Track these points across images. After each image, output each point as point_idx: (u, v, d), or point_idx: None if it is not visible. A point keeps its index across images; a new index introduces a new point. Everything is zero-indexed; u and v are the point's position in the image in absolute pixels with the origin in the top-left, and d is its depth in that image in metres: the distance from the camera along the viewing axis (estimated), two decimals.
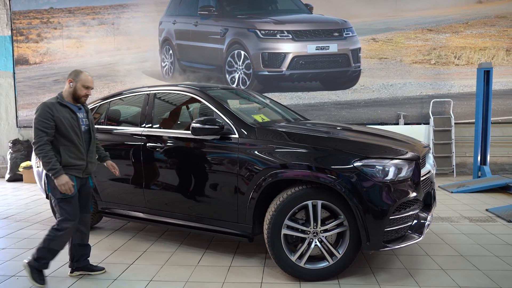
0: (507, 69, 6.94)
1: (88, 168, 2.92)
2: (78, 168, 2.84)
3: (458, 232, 3.86)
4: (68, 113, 2.80)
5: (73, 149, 2.80)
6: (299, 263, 2.82)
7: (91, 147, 2.95)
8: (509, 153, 6.93)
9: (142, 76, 7.68)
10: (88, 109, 3.03)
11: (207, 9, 7.36)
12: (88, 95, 2.89)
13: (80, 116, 2.88)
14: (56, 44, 7.97)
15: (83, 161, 2.86)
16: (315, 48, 6.97)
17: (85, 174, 2.91)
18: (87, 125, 2.94)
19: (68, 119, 2.78)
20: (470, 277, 2.88)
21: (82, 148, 2.85)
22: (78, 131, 2.82)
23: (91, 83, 2.89)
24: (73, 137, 2.79)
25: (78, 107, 2.92)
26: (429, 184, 3.11)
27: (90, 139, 2.95)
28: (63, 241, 2.85)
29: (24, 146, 7.71)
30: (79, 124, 2.85)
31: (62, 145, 2.77)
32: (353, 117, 7.19)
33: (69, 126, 2.77)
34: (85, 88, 2.86)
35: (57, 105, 2.78)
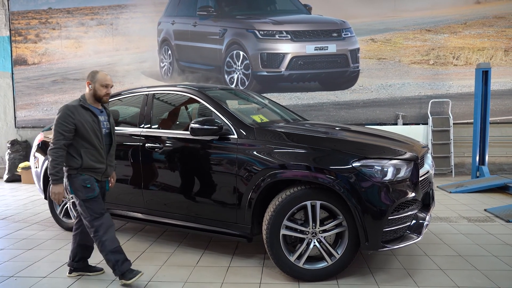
0: (506, 69, 6.95)
1: (107, 171, 2.91)
2: (98, 171, 2.83)
3: (456, 232, 3.87)
4: (90, 116, 2.79)
5: (94, 152, 2.79)
6: (298, 264, 2.82)
7: (111, 150, 2.95)
8: (507, 153, 6.95)
9: (141, 76, 7.67)
10: (109, 112, 3.02)
11: (206, 9, 7.36)
12: (109, 93, 2.88)
13: (101, 119, 2.87)
14: (54, 45, 7.96)
15: (103, 164, 2.85)
16: (313, 48, 6.97)
17: (103, 177, 2.90)
18: (108, 129, 2.93)
19: (89, 122, 2.77)
20: (469, 277, 2.88)
21: (103, 151, 2.84)
22: (99, 134, 2.82)
23: (109, 81, 2.86)
24: (94, 140, 2.78)
25: (100, 110, 2.91)
26: (427, 184, 3.12)
27: (111, 142, 2.95)
28: (110, 237, 2.80)
29: (23, 146, 7.70)
30: (100, 127, 2.84)
31: (83, 147, 2.76)
32: (352, 117, 7.19)
33: (91, 129, 2.76)
34: (104, 87, 2.83)
35: (79, 108, 2.77)
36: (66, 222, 4.14)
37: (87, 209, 2.78)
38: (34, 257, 3.45)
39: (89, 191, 2.78)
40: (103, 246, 2.78)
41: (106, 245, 2.78)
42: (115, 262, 2.79)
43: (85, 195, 2.76)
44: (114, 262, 2.79)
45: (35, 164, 4.43)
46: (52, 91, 7.95)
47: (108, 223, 2.82)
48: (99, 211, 2.80)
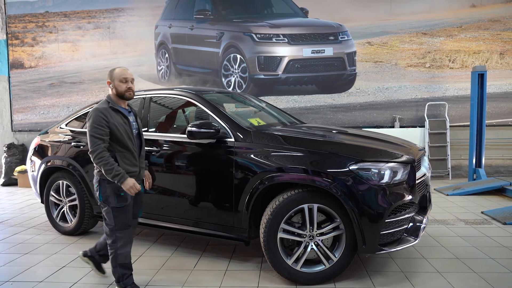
0: (501, 72, 7.00)
1: (140, 174, 2.77)
2: (132, 175, 2.66)
3: (453, 235, 3.88)
4: (121, 118, 2.66)
5: (128, 155, 2.66)
6: (295, 267, 2.81)
7: (142, 152, 2.81)
8: (503, 156, 6.98)
9: (138, 80, 7.66)
10: (136, 112, 2.89)
11: (203, 13, 7.38)
12: (130, 87, 2.67)
13: (131, 120, 2.73)
14: (51, 48, 7.95)
15: (136, 167, 2.72)
16: (310, 51, 7.00)
17: (137, 180, 2.72)
18: (137, 129, 2.79)
19: (122, 125, 2.64)
20: (466, 279, 2.89)
21: (136, 153, 2.72)
22: (131, 136, 2.68)
23: (128, 75, 2.68)
24: (127, 143, 2.64)
25: (128, 110, 2.77)
26: (424, 187, 3.13)
27: (141, 143, 2.81)
28: (125, 252, 2.69)
29: (19, 150, 7.67)
30: (131, 128, 2.70)
31: (118, 151, 2.62)
32: (349, 120, 7.21)
33: (124, 132, 2.63)
34: (124, 82, 2.65)
35: (110, 110, 2.62)
36: (63, 226, 4.12)
37: (114, 218, 2.63)
38: (30, 261, 3.43)
39: (122, 199, 2.62)
40: (116, 258, 2.68)
41: (119, 258, 2.68)
42: (122, 275, 2.71)
43: (117, 204, 2.61)
44: (121, 275, 2.71)
45: (31, 168, 4.41)
46: (49, 95, 7.93)
47: (128, 239, 2.70)
48: (125, 223, 2.67)
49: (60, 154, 4.07)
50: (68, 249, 3.70)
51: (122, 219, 2.65)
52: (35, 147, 4.38)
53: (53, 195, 4.17)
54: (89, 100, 7.62)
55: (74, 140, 4.02)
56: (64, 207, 4.12)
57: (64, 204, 4.12)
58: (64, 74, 7.90)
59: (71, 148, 3.99)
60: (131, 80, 2.69)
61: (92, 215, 3.95)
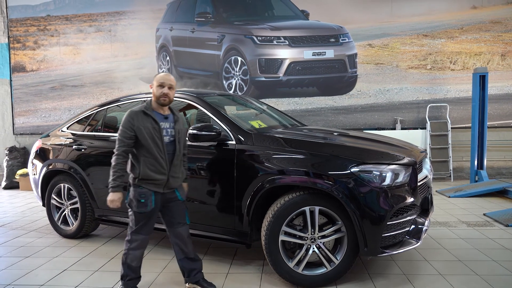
0: (502, 74, 6.99)
1: (170, 183, 2.66)
2: (158, 183, 2.62)
3: (455, 237, 3.86)
4: (150, 122, 2.59)
5: (153, 162, 2.59)
6: (297, 270, 2.80)
7: (175, 160, 2.68)
8: (505, 157, 6.96)
9: (139, 82, 7.68)
10: (178, 118, 2.75)
11: (204, 15, 7.40)
12: (166, 93, 2.62)
13: (164, 126, 2.65)
14: (53, 51, 7.98)
15: (163, 175, 2.62)
16: (311, 54, 7.00)
17: (166, 189, 2.67)
18: (172, 136, 2.68)
19: (148, 129, 2.57)
20: (468, 282, 2.87)
21: (163, 160, 2.61)
22: (159, 142, 2.60)
23: (165, 80, 2.62)
24: (153, 149, 2.58)
25: (165, 116, 2.69)
26: (426, 189, 3.12)
27: (174, 151, 2.69)
28: (135, 255, 2.69)
29: (21, 153, 7.68)
30: (161, 134, 2.61)
31: (143, 156, 2.59)
32: (350, 122, 7.21)
33: (149, 137, 2.57)
34: (160, 86, 2.62)
35: (140, 114, 2.60)
36: (64, 229, 4.12)
37: (135, 220, 2.66)
38: (31, 264, 3.43)
39: (142, 206, 2.61)
40: (126, 257, 2.70)
41: (128, 257, 2.69)
42: (125, 275, 2.72)
43: (137, 209, 2.62)
44: (125, 275, 2.72)
45: (33, 171, 4.41)
46: (50, 98, 7.95)
47: (142, 244, 2.70)
48: (143, 229, 2.67)
49: (61, 157, 4.08)
50: (69, 252, 3.70)
51: (141, 222, 2.65)
52: (37, 150, 4.39)
53: (54, 198, 4.17)
54: (90, 103, 7.63)
55: (75, 143, 4.02)
56: (65, 210, 4.12)
57: (66, 207, 4.12)
58: (66, 77, 7.93)
59: (73, 151, 3.99)
60: (169, 86, 2.64)
61: (94, 218, 3.95)
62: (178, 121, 2.75)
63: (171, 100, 2.68)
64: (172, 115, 2.75)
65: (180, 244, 2.80)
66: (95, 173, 3.82)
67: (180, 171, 2.76)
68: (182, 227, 2.80)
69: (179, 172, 2.75)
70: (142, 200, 2.60)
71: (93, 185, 3.83)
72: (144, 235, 2.69)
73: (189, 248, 2.82)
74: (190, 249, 2.83)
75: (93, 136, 3.98)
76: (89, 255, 3.62)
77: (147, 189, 2.61)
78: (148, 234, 2.71)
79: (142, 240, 2.69)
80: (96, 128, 4.04)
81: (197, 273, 2.85)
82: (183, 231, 2.80)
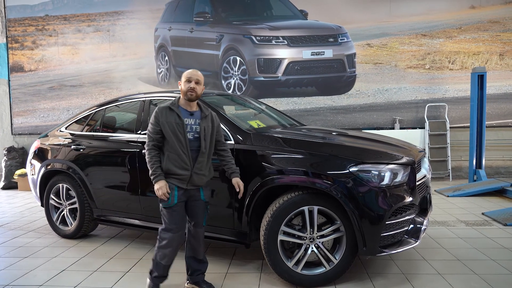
0: (501, 73, 7.00)
1: (193, 179, 2.65)
2: (180, 178, 2.63)
3: (454, 236, 3.87)
4: (174, 118, 2.62)
5: (176, 157, 2.61)
6: (296, 269, 2.81)
7: (199, 157, 2.66)
8: (504, 157, 6.97)
9: (138, 82, 7.68)
10: (206, 115, 2.73)
11: (203, 15, 7.40)
12: (193, 88, 2.63)
13: (188, 123, 2.65)
14: (51, 51, 7.97)
15: (186, 171, 2.62)
16: (310, 53, 7.01)
17: (190, 185, 2.66)
18: (196, 133, 2.67)
19: (172, 125, 2.61)
20: (467, 281, 2.88)
21: (186, 156, 2.62)
22: (182, 138, 2.61)
23: (192, 75, 2.66)
24: (175, 144, 2.60)
25: (191, 112, 2.70)
26: (424, 188, 3.12)
27: (199, 147, 2.66)
28: (164, 253, 2.69)
29: (19, 153, 7.67)
30: (184, 130, 2.62)
31: (167, 151, 2.64)
32: (349, 122, 7.21)
33: (172, 133, 2.60)
34: (187, 81, 2.64)
35: (165, 110, 2.65)
36: (63, 229, 4.12)
37: (163, 218, 2.69)
38: (30, 265, 3.42)
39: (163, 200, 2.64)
40: (156, 254, 2.71)
41: (158, 255, 2.71)
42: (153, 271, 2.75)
43: (161, 202, 2.66)
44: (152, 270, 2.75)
45: (31, 171, 4.41)
46: (48, 98, 7.94)
47: (170, 243, 2.67)
48: (170, 225, 2.66)
49: (60, 157, 4.07)
50: (68, 253, 3.70)
51: (168, 219, 2.66)
52: (35, 150, 4.38)
53: (53, 198, 4.16)
54: (89, 103, 7.63)
55: (74, 143, 4.02)
56: (64, 210, 4.12)
57: (64, 207, 4.11)
58: (64, 77, 7.91)
59: (71, 151, 3.99)
60: (196, 81, 2.65)
61: (92, 218, 3.95)
62: (205, 118, 2.72)
63: (198, 95, 2.68)
64: (199, 112, 2.73)
65: (194, 243, 2.81)
66: (94, 173, 3.82)
67: (207, 168, 2.73)
68: (200, 229, 2.79)
69: (205, 169, 2.71)
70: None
71: (91, 185, 3.83)
72: (171, 233, 2.66)
73: (200, 250, 2.83)
74: (201, 251, 2.84)
75: (92, 136, 3.98)
76: (88, 255, 3.61)
77: (170, 183, 2.63)
78: (176, 232, 2.66)
79: (170, 239, 2.66)
80: (94, 128, 4.04)
81: (200, 274, 2.86)
82: (200, 232, 2.80)
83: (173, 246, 2.70)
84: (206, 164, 2.71)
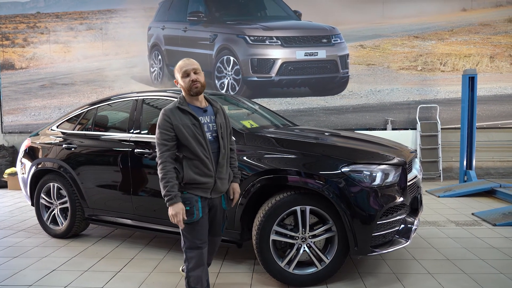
0: (491, 76, 7.09)
1: (217, 186, 2.35)
2: (204, 187, 2.31)
3: (444, 236, 3.91)
4: (189, 119, 2.27)
5: (198, 163, 2.26)
6: (287, 269, 2.81)
7: (221, 159, 2.35)
8: (494, 158, 7.07)
9: (130, 81, 7.63)
10: (218, 109, 2.40)
11: (196, 14, 7.38)
12: (195, 80, 2.27)
13: (204, 121, 2.32)
14: (43, 49, 7.89)
15: (210, 178, 2.30)
16: (303, 54, 7.03)
17: (213, 193, 2.36)
18: (214, 131, 2.34)
19: (189, 127, 2.25)
20: (456, 280, 2.91)
21: (209, 161, 2.28)
22: (202, 140, 2.27)
23: (187, 66, 2.28)
24: (196, 149, 2.25)
25: (203, 109, 2.35)
26: (415, 189, 3.15)
27: (219, 148, 2.34)
28: (198, 276, 2.37)
29: (9, 152, 7.58)
30: (203, 131, 2.28)
31: (186, 158, 2.27)
32: (342, 122, 7.25)
33: (191, 136, 2.24)
34: (185, 76, 2.28)
35: (175, 111, 2.28)
36: (53, 229, 4.08)
37: (183, 236, 2.36)
38: (20, 265, 3.39)
39: (188, 214, 2.28)
40: (188, 280, 2.40)
41: (191, 281, 2.39)
42: None
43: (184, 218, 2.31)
44: None
45: (21, 170, 4.36)
46: (40, 96, 7.86)
47: (200, 261, 2.37)
48: (195, 242, 2.35)
49: (51, 156, 4.04)
50: (58, 252, 3.67)
51: (192, 236, 2.34)
52: (26, 149, 4.34)
53: (43, 198, 4.13)
54: (81, 102, 7.56)
55: (65, 142, 3.98)
56: (55, 210, 4.08)
57: (55, 207, 4.08)
58: (56, 76, 7.84)
59: (63, 150, 3.95)
60: (194, 71, 2.28)
61: (83, 217, 3.92)
62: (218, 113, 2.40)
63: (203, 84, 2.32)
64: (211, 107, 2.41)
65: (209, 250, 2.55)
66: (86, 173, 3.79)
67: (227, 171, 2.42)
68: (218, 237, 2.60)
69: (226, 173, 2.41)
70: (188, 208, 2.28)
71: (83, 185, 3.80)
72: (198, 250, 2.36)
73: (212, 257, 2.69)
74: (211, 259, 2.69)
75: (84, 135, 3.95)
76: (79, 255, 3.59)
77: (193, 195, 2.30)
78: (204, 246, 2.38)
79: (198, 256, 2.36)
80: (86, 127, 4.01)
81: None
82: (218, 240, 2.63)
83: (204, 263, 2.41)
84: (226, 167, 2.40)
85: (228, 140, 2.42)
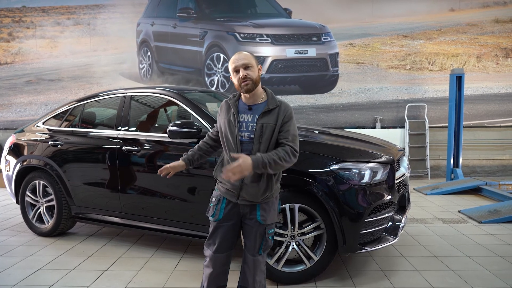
0: (478, 75, 7.20)
1: (243, 193, 2.09)
2: (229, 189, 2.12)
3: (431, 233, 3.96)
4: (230, 115, 2.11)
5: (226, 163, 2.14)
6: (276, 267, 2.82)
7: None
8: (480, 156, 7.18)
9: (119, 78, 7.54)
10: (271, 108, 2.08)
11: (186, 11, 7.31)
12: (244, 76, 2.03)
13: (243, 119, 2.09)
14: (28, 44, 7.73)
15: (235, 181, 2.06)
16: (294, 52, 7.03)
17: (242, 200, 2.10)
18: (252, 133, 2.06)
19: (225, 123, 2.11)
20: (443, 277, 2.95)
21: None
22: (231, 139, 2.08)
23: (236, 62, 2.05)
24: (226, 147, 2.14)
25: (249, 106, 2.11)
26: (403, 186, 3.18)
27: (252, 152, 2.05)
28: (205, 274, 2.21)
29: None
30: (236, 129, 2.07)
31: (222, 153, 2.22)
32: (331, 120, 7.28)
33: (224, 133, 2.12)
34: (235, 72, 2.07)
35: (224, 105, 2.18)
36: (39, 227, 4.01)
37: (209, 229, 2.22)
38: (4, 263, 3.32)
39: (210, 210, 2.18)
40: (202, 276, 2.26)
41: (203, 274, 2.24)
42: None
43: (207, 213, 2.21)
44: None
45: (6, 167, 4.27)
46: (25, 92, 7.71)
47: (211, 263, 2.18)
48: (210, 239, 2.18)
49: (36, 153, 3.96)
50: (44, 251, 3.61)
51: (210, 233, 2.18)
52: (10, 145, 4.25)
53: (29, 196, 4.05)
54: (68, 98, 7.44)
55: (51, 139, 3.91)
56: (40, 208, 4.01)
57: (41, 205, 4.01)
58: (42, 71, 7.70)
59: (49, 147, 3.89)
60: (244, 66, 2.04)
61: (70, 215, 3.86)
62: (269, 112, 2.07)
63: (255, 80, 2.06)
64: (264, 104, 2.10)
65: (246, 271, 2.23)
66: (72, 170, 3.73)
67: (263, 180, 2.08)
68: (254, 256, 2.19)
69: (261, 181, 2.08)
70: (211, 204, 2.19)
71: (69, 182, 3.74)
72: (211, 251, 2.17)
73: (250, 280, 2.21)
74: (251, 282, 2.21)
75: (71, 132, 3.88)
76: (65, 254, 3.53)
77: (220, 193, 2.18)
78: (217, 252, 2.16)
79: (210, 257, 2.18)
80: (73, 124, 3.94)
81: None
82: (253, 261, 2.19)
83: (214, 268, 2.18)
84: (261, 175, 2.07)
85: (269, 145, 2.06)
